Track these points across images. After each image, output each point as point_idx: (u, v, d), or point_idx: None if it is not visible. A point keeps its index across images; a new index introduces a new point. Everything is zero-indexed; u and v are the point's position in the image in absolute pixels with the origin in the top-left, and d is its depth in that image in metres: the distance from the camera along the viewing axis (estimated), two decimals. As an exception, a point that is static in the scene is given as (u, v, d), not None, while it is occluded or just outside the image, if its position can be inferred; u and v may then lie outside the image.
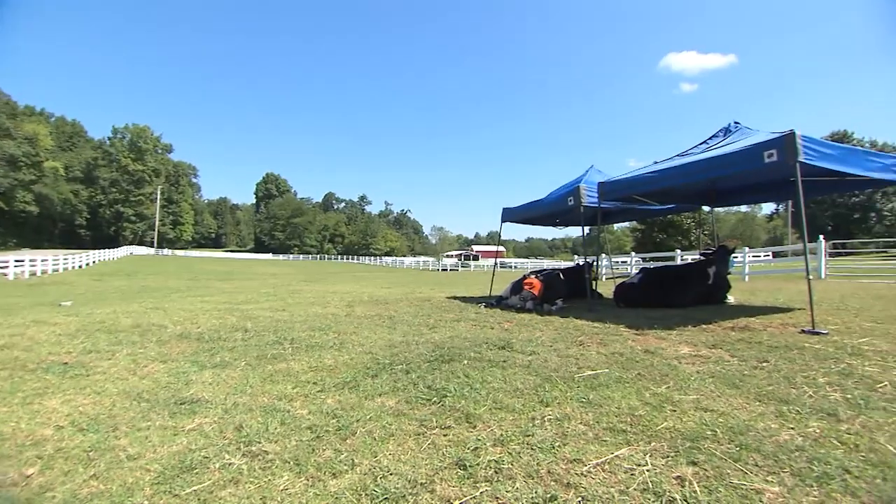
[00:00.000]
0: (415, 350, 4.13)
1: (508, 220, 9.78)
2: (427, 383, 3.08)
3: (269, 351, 4.17)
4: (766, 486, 1.70)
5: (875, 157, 5.88)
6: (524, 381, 3.08)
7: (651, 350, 3.87)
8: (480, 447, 2.10)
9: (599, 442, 2.11)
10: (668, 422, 2.29)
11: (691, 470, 1.82)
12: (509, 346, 4.17)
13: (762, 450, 1.96)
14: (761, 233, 70.90)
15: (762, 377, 3.03)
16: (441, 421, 2.43)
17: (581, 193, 7.40)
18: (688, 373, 3.15)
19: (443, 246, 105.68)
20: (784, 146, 4.83)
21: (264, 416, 2.56)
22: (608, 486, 1.74)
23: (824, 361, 3.38)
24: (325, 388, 3.07)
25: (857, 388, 2.74)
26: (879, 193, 48.38)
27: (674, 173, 6.12)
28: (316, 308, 7.64)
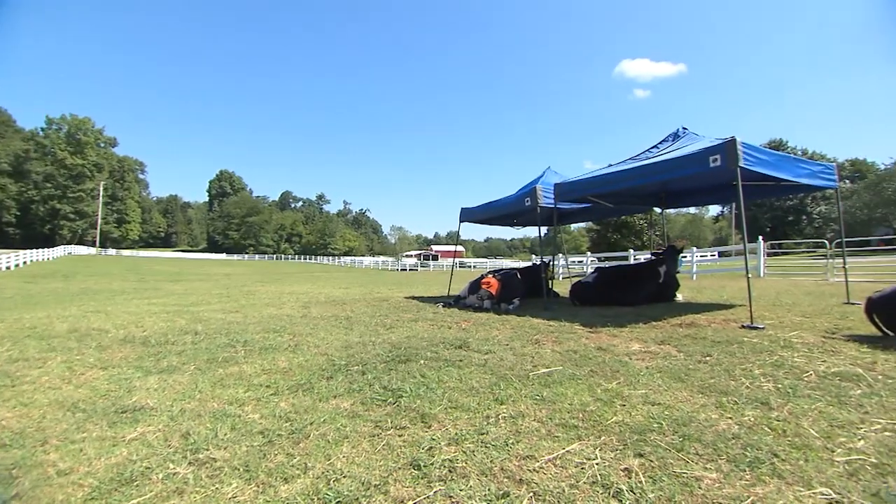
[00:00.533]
0: (371, 351, 4.09)
1: (467, 220, 9.86)
2: (383, 384, 3.06)
3: (221, 354, 4.02)
4: (705, 472, 1.78)
5: (804, 164, 6.31)
6: (480, 379, 3.11)
7: (604, 347, 4.00)
8: (435, 447, 2.11)
9: (552, 438, 2.15)
10: (618, 416, 2.37)
11: (638, 461, 1.89)
12: (466, 345, 4.21)
13: (703, 439, 2.06)
14: (708, 233, 74.52)
15: (705, 371, 3.19)
16: (396, 421, 2.42)
17: (538, 194, 7.56)
18: (637, 368, 3.28)
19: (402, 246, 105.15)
20: (727, 151, 5.10)
21: (213, 421, 2.46)
22: (559, 480, 1.78)
23: (760, 354, 3.60)
24: (278, 391, 2.99)
25: (786, 378, 2.94)
26: (810, 198, 51.88)
27: (626, 175, 6.35)
28: (271, 309, 7.44)
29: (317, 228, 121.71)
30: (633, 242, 40.05)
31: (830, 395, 2.62)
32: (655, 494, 1.65)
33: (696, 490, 1.67)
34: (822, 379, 2.93)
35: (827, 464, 1.83)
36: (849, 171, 61.64)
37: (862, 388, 2.71)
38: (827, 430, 2.14)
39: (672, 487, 1.69)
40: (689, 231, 68.02)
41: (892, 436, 2.08)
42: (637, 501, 1.62)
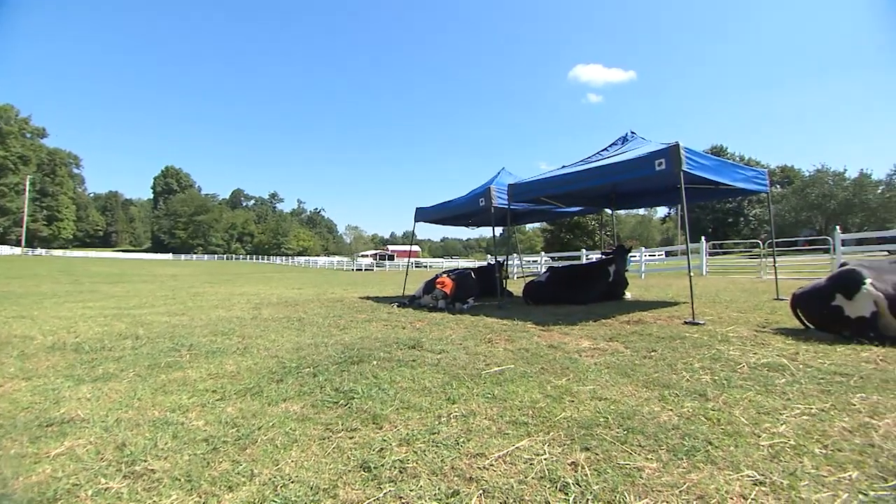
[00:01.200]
0: (323, 352, 4.01)
1: (422, 220, 9.87)
2: (335, 386, 3.01)
3: (164, 359, 3.82)
4: (647, 463, 1.86)
5: (740, 170, 6.71)
6: (432, 379, 3.12)
7: (555, 345, 4.10)
8: (386, 448, 2.09)
9: (502, 435, 2.18)
10: (567, 412, 2.44)
11: (584, 455, 1.94)
12: (419, 345, 4.20)
13: (645, 431, 2.15)
14: (656, 234, 77.96)
15: (650, 366, 3.33)
16: (347, 423, 2.38)
17: (492, 195, 7.66)
18: (586, 365, 3.38)
19: (357, 245, 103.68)
20: (671, 156, 5.35)
21: (153, 430, 2.33)
22: (508, 476, 1.81)
23: (700, 348, 3.79)
24: (224, 396, 2.88)
25: (722, 371, 3.11)
26: (746, 201, 55.25)
27: (577, 177, 6.54)
28: (219, 311, 7.16)
29: (269, 228, 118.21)
30: (586, 242, 41.34)
31: (759, 384, 2.80)
32: (600, 486, 1.70)
33: (637, 480, 1.74)
34: (752, 370, 3.13)
35: (753, 448, 1.95)
36: (779, 177, 66.09)
37: (786, 377, 2.92)
38: (755, 417, 2.29)
39: (615, 478, 1.75)
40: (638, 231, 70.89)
41: (809, 419, 2.24)
42: (582, 494, 1.66)
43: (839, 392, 2.62)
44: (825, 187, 54.41)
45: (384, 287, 14.33)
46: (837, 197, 53.10)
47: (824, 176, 56.33)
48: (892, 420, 2.21)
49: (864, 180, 54.09)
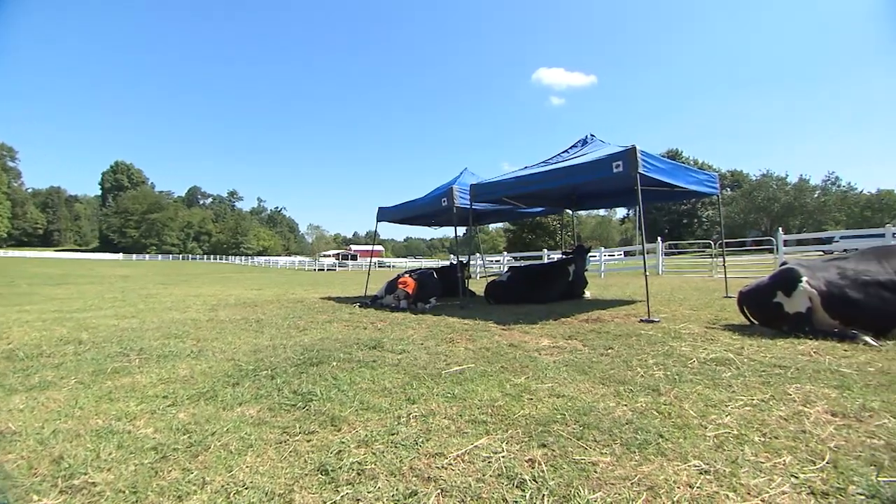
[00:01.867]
0: (282, 354, 3.92)
1: (384, 220, 9.82)
2: (293, 388, 2.95)
3: (110, 365, 3.64)
4: (601, 457, 1.91)
5: (693, 173, 7.00)
6: (393, 379, 3.10)
7: (515, 344, 4.16)
8: (344, 450, 2.06)
9: (461, 434, 2.19)
10: (525, 409, 2.47)
11: (541, 452, 1.97)
12: (380, 345, 4.18)
13: (601, 426, 2.20)
14: (616, 234, 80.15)
15: (606, 363, 3.42)
16: (305, 426, 2.34)
17: (454, 195, 7.69)
18: (545, 363, 3.43)
19: (320, 245, 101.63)
20: (628, 158, 5.51)
21: (95, 441, 2.21)
22: (466, 475, 1.82)
23: (654, 345, 3.93)
24: (176, 401, 2.77)
25: (674, 366, 3.23)
26: (700, 203, 57.72)
27: (538, 178, 6.65)
28: (173, 313, 6.89)
29: (228, 227, 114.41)
30: (547, 242, 42.13)
31: (708, 378, 2.92)
32: (556, 482, 1.73)
33: (591, 474, 1.78)
34: (702, 365, 3.26)
35: (700, 439, 2.03)
36: (729, 181, 69.53)
37: (732, 371, 3.06)
38: (703, 409, 2.39)
39: (571, 474, 1.78)
40: (598, 232, 72.75)
41: (750, 410, 2.36)
42: (539, 490, 1.68)
43: (778, 383, 2.77)
44: (770, 191, 57.89)
45: (346, 287, 14.15)
46: (780, 200, 56.56)
47: (769, 181, 59.94)
48: (822, 407, 2.36)
49: (803, 185, 57.99)
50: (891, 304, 3.87)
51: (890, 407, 2.33)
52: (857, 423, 2.15)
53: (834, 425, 2.14)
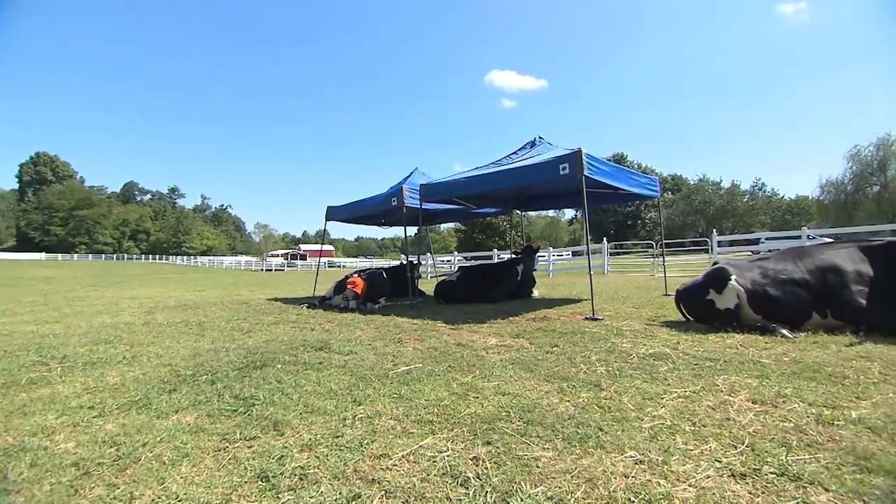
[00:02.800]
0: (224, 358, 3.78)
1: (334, 219, 9.68)
2: (234, 393, 2.85)
3: (25, 375, 3.36)
4: (543, 452, 1.96)
5: (635, 176, 7.32)
6: (339, 381, 3.06)
7: (463, 343, 4.19)
8: (287, 455, 2.01)
9: (407, 434, 2.19)
10: (471, 408, 2.50)
11: (485, 449, 2.00)
12: (327, 346, 4.11)
13: (544, 422, 2.26)
14: (564, 235, 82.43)
15: (552, 360, 3.50)
16: (246, 432, 2.26)
17: (404, 195, 7.68)
18: (492, 362, 3.49)
19: (267, 245, 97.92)
20: (574, 161, 5.69)
21: (4, 461, 2.03)
22: (411, 476, 1.81)
23: (597, 342, 4.07)
24: (104, 412, 2.60)
25: (616, 362, 3.36)
26: (643, 205, 60.52)
27: (487, 179, 6.75)
28: (104, 317, 6.47)
29: (169, 225, 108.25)
30: (497, 242, 42.84)
31: (646, 372, 3.06)
32: (499, 478, 1.76)
33: (534, 469, 1.82)
34: (641, 360, 3.41)
35: (637, 431, 2.13)
36: (670, 184, 73.46)
37: (668, 365, 3.22)
38: (640, 402, 2.50)
39: (514, 469, 1.82)
40: (547, 232, 74.62)
41: (683, 401, 2.49)
42: (482, 487, 1.71)
43: (708, 375, 2.94)
44: (706, 195, 61.80)
45: (294, 288, 13.80)
46: (715, 204, 60.50)
47: (705, 185, 64.06)
48: (745, 396, 2.53)
49: (734, 190, 62.50)
50: (803, 299, 4.20)
51: (800, 393, 2.53)
52: (773, 409, 2.33)
53: (754, 412, 2.30)
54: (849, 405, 2.34)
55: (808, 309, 4.20)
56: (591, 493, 1.63)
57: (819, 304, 4.17)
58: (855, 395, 2.47)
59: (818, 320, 4.17)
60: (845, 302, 4.04)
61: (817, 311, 4.18)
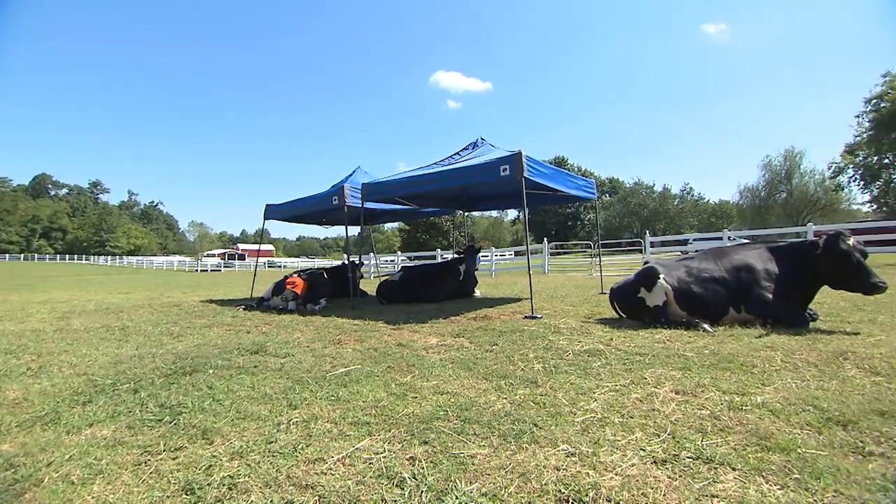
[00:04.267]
0: (149, 364, 3.55)
1: (273, 217, 9.38)
2: (159, 401, 2.69)
3: None
4: (479, 450, 1.98)
5: (573, 179, 7.59)
6: (274, 385, 2.96)
7: (404, 343, 4.18)
8: (215, 464, 1.92)
9: (343, 437, 2.15)
10: (409, 408, 2.49)
11: (422, 449, 2.00)
12: (263, 349, 3.97)
13: (481, 420, 2.29)
14: (507, 235, 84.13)
15: (491, 358, 3.56)
16: (171, 443, 2.13)
17: (345, 193, 7.56)
18: (432, 361, 3.50)
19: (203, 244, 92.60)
20: (514, 163, 5.81)
21: None
22: (346, 479, 1.78)
23: (535, 340, 4.18)
24: (0, 431, 2.36)
25: (552, 359, 3.47)
26: (583, 207, 62.93)
27: (428, 179, 6.77)
28: (6, 324, 5.89)
29: (90, 222, 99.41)
30: (441, 242, 43.08)
31: (580, 368, 3.18)
32: (434, 477, 1.76)
33: (469, 467, 1.84)
34: (576, 356, 3.54)
35: (570, 425, 2.21)
36: (608, 187, 76.91)
37: (601, 361, 3.36)
38: (574, 397, 2.59)
39: (450, 468, 1.83)
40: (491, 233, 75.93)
41: (614, 395, 2.61)
42: (418, 487, 1.70)
43: (637, 369, 3.10)
44: (640, 198, 65.34)
45: (231, 289, 13.21)
46: (649, 206, 64.08)
47: (640, 188, 67.77)
48: (669, 387, 2.69)
49: (666, 193, 66.64)
50: (722, 296, 4.54)
51: (716, 382, 2.73)
52: (692, 398, 2.49)
53: (676, 402, 2.45)
54: (755, 391, 2.54)
55: (726, 305, 4.53)
56: (524, 487, 1.67)
57: (735, 300, 4.51)
58: (761, 382, 2.70)
59: (734, 315, 4.50)
60: (755, 298, 4.39)
61: (733, 307, 4.52)
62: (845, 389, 2.53)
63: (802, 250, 4.46)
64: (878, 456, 1.81)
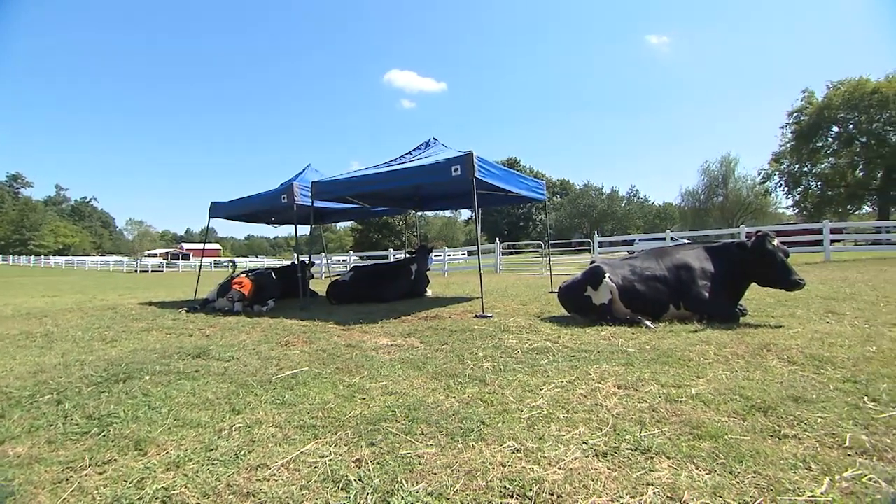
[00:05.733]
0: (77, 373, 3.31)
1: (219, 215, 9.01)
2: (87, 412, 2.51)
3: None
4: (427, 449, 1.98)
5: (524, 180, 7.74)
6: (217, 390, 2.84)
7: (353, 344, 4.12)
8: (148, 476, 1.82)
9: (288, 442, 2.09)
10: (357, 410, 2.46)
11: (369, 451, 1.98)
12: (206, 353, 3.80)
13: (429, 420, 2.29)
14: (461, 235, 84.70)
15: (441, 358, 3.57)
16: (99, 456, 2.00)
17: (294, 191, 7.38)
18: (382, 362, 3.47)
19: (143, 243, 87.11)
20: (465, 163, 5.85)
21: None
22: (290, 484, 1.74)
23: (485, 339, 4.22)
24: None
25: (501, 357, 3.52)
26: (535, 207, 64.29)
27: (380, 178, 6.72)
28: None
29: (9, 219, 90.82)
30: (394, 242, 42.85)
31: (528, 366, 3.24)
32: (381, 479, 1.75)
33: (416, 467, 1.83)
34: (525, 354, 3.60)
35: (516, 421, 2.25)
36: (559, 188, 79.03)
37: (549, 358, 3.44)
38: (521, 394, 2.64)
39: (396, 469, 1.82)
40: (444, 232, 76.26)
41: (560, 391, 2.68)
42: (363, 489, 1.68)
43: (583, 365, 3.20)
44: (590, 199, 67.78)
45: (174, 290, 12.57)
46: (598, 208, 66.55)
47: (589, 190, 70.26)
48: (612, 382, 2.79)
49: (614, 195, 69.49)
50: (663, 294, 4.77)
51: (656, 376, 2.86)
52: (633, 392, 2.60)
53: (618, 396, 2.55)
54: (690, 383, 2.69)
55: (667, 302, 4.76)
56: (470, 485, 1.69)
57: (675, 297, 4.75)
58: (695, 375, 2.85)
59: (674, 312, 4.74)
60: (693, 295, 4.65)
61: (673, 304, 4.75)
62: (767, 378, 2.72)
63: (734, 250, 4.76)
64: (791, 437, 1.96)
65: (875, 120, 33.89)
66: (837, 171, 36.99)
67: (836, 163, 37.21)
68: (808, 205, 38.57)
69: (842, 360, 3.01)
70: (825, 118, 35.57)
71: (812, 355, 3.13)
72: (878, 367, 2.83)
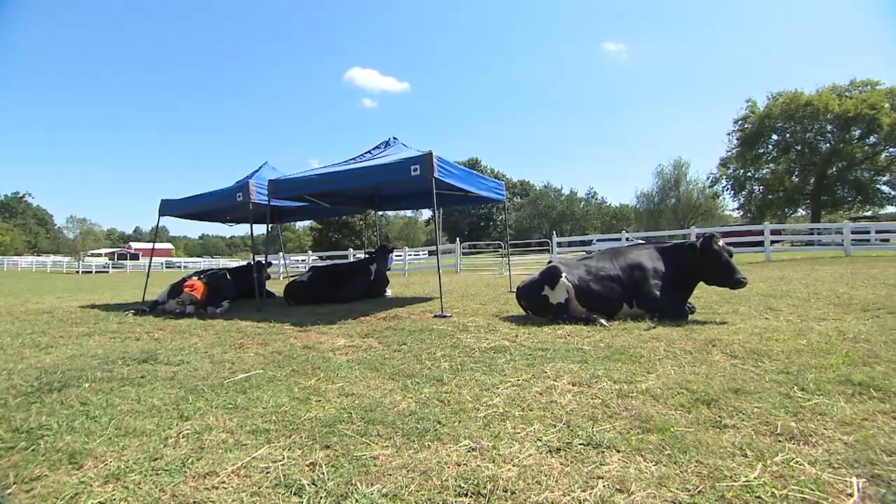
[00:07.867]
0: (3, 383, 3.09)
1: (170, 213, 8.63)
2: (13, 425, 2.35)
3: None
4: (382, 450, 1.97)
5: (484, 180, 7.82)
6: (164, 396, 2.72)
7: (310, 345, 4.04)
8: (83, 491, 1.71)
9: (239, 447, 2.03)
10: (312, 412, 2.41)
11: (323, 454, 1.94)
12: (154, 357, 3.63)
13: (385, 420, 2.27)
14: (421, 235, 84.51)
15: (399, 358, 3.55)
16: (26, 472, 1.86)
17: (250, 190, 7.18)
18: (339, 363, 3.41)
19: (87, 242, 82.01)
20: (424, 163, 5.85)
21: None
22: (240, 491, 1.68)
23: (444, 338, 4.24)
24: None
25: (459, 357, 3.53)
26: (495, 208, 65.16)
27: (338, 177, 6.63)
28: None
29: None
30: (354, 242, 42.28)
31: (486, 365, 3.27)
32: (335, 482, 1.72)
33: (371, 468, 1.82)
34: (483, 353, 3.64)
35: (472, 421, 2.26)
36: (519, 189, 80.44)
37: (506, 357, 3.48)
38: (478, 393, 2.66)
39: (351, 471, 1.79)
40: (405, 232, 75.84)
41: (516, 389, 2.72)
42: (317, 493, 1.65)
43: (539, 364, 3.25)
44: (549, 200, 69.34)
45: (120, 292, 11.94)
46: (557, 208, 68.16)
47: (549, 191, 71.91)
48: (567, 380, 2.86)
49: (573, 197, 71.45)
50: (617, 293, 4.93)
51: (609, 373, 2.95)
52: (587, 389, 2.67)
53: (572, 393, 2.61)
54: (641, 379, 2.79)
55: (621, 301, 4.92)
56: (425, 485, 1.69)
57: (628, 296, 4.92)
58: (646, 371, 2.96)
59: (627, 310, 4.91)
60: (645, 294, 4.83)
61: (626, 303, 4.92)
62: (711, 372, 2.86)
63: (683, 251, 4.98)
64: (730, 427, 2.07)
65: (808, 130, 36.51)
66: (777, 176, 39.57)
67: (775, 169, 39.82)
68: (752, 208, 40.94)
69: (777, 353, 3.20)
70: (766, 127, 37.98)
71: (752, 349, 3.31)
72: (807, 359, 3.03)
